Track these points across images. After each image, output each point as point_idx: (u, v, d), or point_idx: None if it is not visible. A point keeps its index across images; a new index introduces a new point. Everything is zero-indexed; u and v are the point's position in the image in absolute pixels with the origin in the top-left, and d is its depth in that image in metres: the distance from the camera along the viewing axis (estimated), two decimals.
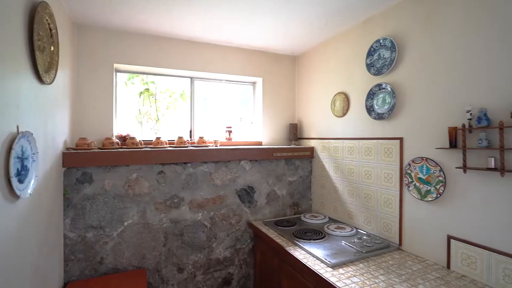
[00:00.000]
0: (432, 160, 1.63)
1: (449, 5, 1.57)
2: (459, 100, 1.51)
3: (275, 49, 2.84)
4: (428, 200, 1.65)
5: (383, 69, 1.93)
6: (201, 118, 2.81)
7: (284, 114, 3.00)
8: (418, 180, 1.71)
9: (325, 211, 2.58)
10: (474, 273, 1.45)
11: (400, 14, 1.86)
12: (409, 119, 1.79)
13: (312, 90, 2.76)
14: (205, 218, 2.35)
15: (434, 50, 1.65)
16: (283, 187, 2.67)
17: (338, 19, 2.14)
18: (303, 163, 2.76)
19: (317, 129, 2.68)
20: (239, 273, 2.49)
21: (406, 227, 1.82)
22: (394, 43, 1.86)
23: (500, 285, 1.34)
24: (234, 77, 2.84)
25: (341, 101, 2.33)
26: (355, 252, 1.77)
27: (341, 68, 2.37)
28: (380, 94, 1.97)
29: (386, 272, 1.54)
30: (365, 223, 2.13)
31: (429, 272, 1.54)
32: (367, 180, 2.11)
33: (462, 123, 1.47)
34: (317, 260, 1.70)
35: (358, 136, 2.19)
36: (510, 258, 1.31)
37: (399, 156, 1.84)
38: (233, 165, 2.46)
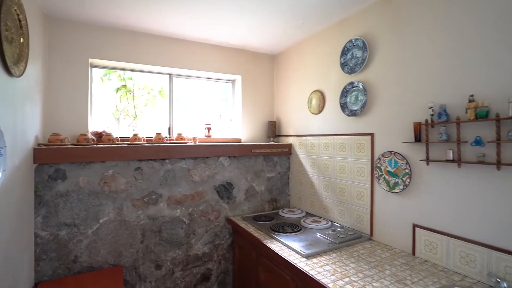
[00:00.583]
0: (400, 153, 1.73)
1: (412, 9, 1.67)
2: (424, 97, 1.62)
3: (254, 48, 2.88)
4: (396, 191, 1.75)
5: (356, 67, 2.02)
6: (180, 116, 2.80)
7: (263, 112, 3.05)
8: (387, 173, 1.81)
9: (303, 206, 2.65)
10: (435, 257, 1.55)
11: (370, 16, 1.95)
12: (379, 116, 1.89)
13: (290, 88, 2.82)
14: (184, 214, 2.35)
15: (400, 51, 1.75)
16: (262, 183, 2.72)
17: (314, 20, 2.21)
18: (281, 159, 2.82)
19: (295, 126, 2.75)
20: (218, 268, 2.51)
21: (377, 218, 1.91)
22: (365, 43, 1.95)
23: (457, 267, 1.45)
24: (213, 75, 2.85)
25: (317, 99, 2.41)
26: (328, 243, 1.84)
27: (317, 67, 2.45)
28: (353, 92, 2.06)
29: (356, 260, 1.62)
30: (340, 216, 2.21)
31: (396, 259, 1.63)
32: (341, 175, 2.19)
33: (425, 118, 1.58)
34: (293, 252, 1.75)
35: (333, 132, 2.27)
36: (465, 242, 1.42)
37: (370, 150, 1.94)
38: (211, 162, 2.48)
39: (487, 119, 1.30)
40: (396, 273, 1.46)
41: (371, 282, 1.38)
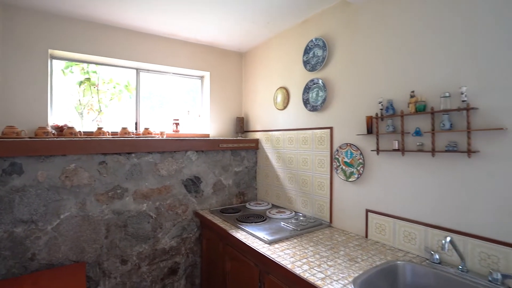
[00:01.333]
0: (354, 145, 1.89)
1: (365, 14, 1.83)
2: (375, 93, 1.78)
3: (223, 45, 2.94)
4: (352, 180, 1.90)
5: (317, 66, 2.16)
6: (148, 111, 2.77)
7: (231, 108, 3.11)
8: (344, 163, 1.96)
9: (269, 198, 2.75)
10: (384, 238, 1.72)
11: (329, 18, 2.09)
12: (337, 110, 2.03)
13: (257, 85, 2.91)
14: (150, 208, 2.34)
15: (355, 51, 1.90)
16: (230, 177, 2.78)
17: (279, 20, 2.32)
18: (249, 154, 2.90)
19: (262, 122, 2.84)
20: (186, 261, 2.53)
21: (335, 206, 2.05)
22: (325, 43, 2.09)
23: (401, 245, 1.62)
24: (181, 70, 2.86)
25: (282, 95, 2.52)
26: (291, 230, 1.94)
27: (282, 65, 2.56)
28: (314, 89, 2.19)
29: (315, 244, 1.74)
30: (303, 206, 2.34)
31: (350, 241, 1.78)
32: (304, 167, 2.32)
33: (376, 112, 1.74)
34: (257, 239, 1.83)
35: (296, 127, 2.39)
36: (408, 222, 1.59)
37: (330, 143, 2.08)
38: (179, 156, 2.49)
39: (424, 112, 1.48)
40: (349, 253, 1.60)
41: (326, 261, 1.50)
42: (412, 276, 1.45)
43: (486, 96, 1.30)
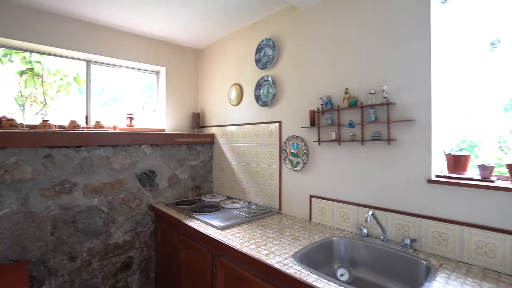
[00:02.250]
0: (300, 137, 2.07)
1: (309, 19, 2.03)
2: (317, 90, 1.98)
3: (179, 41, 2.97)
4: (298, 169, 2.09)
5: (267, 64, 2.31)
6: (100, 106, 2.70)
7: (188, 104, 3.15)
8: (291, 154, 2.14)
9: (224, 191, 2.85)
10: (325, 219, 1.92)
11: (279, 20, 2.26)
12: (285, 105, 2.21)
13: (213, 82, 3.00)
14: (102, 203, 2.30)
15: (301, 51, 2.09)
16: (185, 171, 2.82)
17: (233, 20, 2.44)
18: (205, 148, 2.97)
19: (217, 117, 2.93)
20: (140, 256, 2.52)
21: (284, 194, 2.23)
22: (275, 43, 2.25)
23: (338, 224, 1.84)
24: (136, 65, 2.83)
25: (236, 92, 2.64)
26: (242, 217, 2.07)
27: (236, 62, 2.68)
28: (265, 85, 2.35)
29: (264, 228, 1.89)
30: (255, 196, 2.48)
31: (296, 224, 1.96)
32: (256, 159, 2.46)
33: (317, 107, 1.94)
34: (210, 226, 1.92)
35: (249, 121, 2.53)
36: (343, 203, 1.81)
37: (279, 136, 2.24)
38: (133, 150, 2.48)
39: (356, 107, 1.70)
40: (294, 234, 1.77)
41: (272, 241, 1.65)
42: (345, 249, 1.66)
43: (401, 94, 1.55)
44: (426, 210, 1.48)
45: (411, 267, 1.40)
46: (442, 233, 1.42)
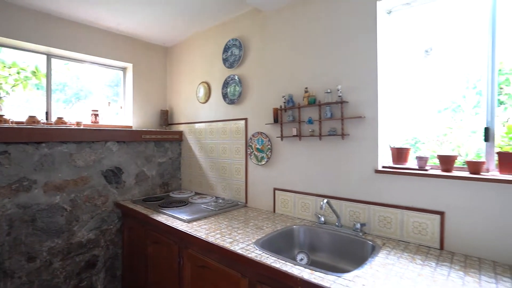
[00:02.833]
0: (264, 133, 2.19)
1: (274, 22, 2.15)
2: (280, 89, 2.10)
3: (147, 38, 2.96)
4: (262, 164, 2.20)
5: (234, 63, 2.40)
6: (62, 102, 2.62)
7: (156, 101, 3.14)
8: (256, 149, 2.25)
9: (193, 187, 2.89)
10: (287, 210, 2.06)
11: (245, 22, 2.36)
12: (251, 103, 2.31)
13: (181, 79, 3.03)
14: (65, 200, 2.24)
15: (265, 52, 2.21)
16: (153, 168, 2.83)
17: (201, 20, 2.50)
18: (173, 145, 2.99)
19: (186, 115, 2.97)
20: (106, 254, 2.48)
21: (250, 188, 2.33)
22: (241, 43, 2.35)
23: (300, 214, 1.98)
24: (101, 60, 2.78)
25: (204, 90, 2.70)
26: (209, 210, 2.14)
27: (204, 61, 2.74)
28: (232, 84, 2.44)
29: (229, 220, 1.97)
30: (223, 191, 2.56)
31: (260, 216, 2.07)
32: (223, 155, 2.54)
33: (280, 105, 2.06)
34: (177, 220, 1.97)
35: (217, 119, 2.60)
36: (304, 195, 1.95)
37: (245, 132, 2.34)
38: (98, 146, 2.44)
39: (314, 104, 1.85)
40: (257, 224, 1.88)
41: (237, 230, 1.74)
42: (304, 236, 1.80)
43: (353, 93, 1.72)
44: (373, 197, 1.65)
45: (360, 248, 1.56)
46: (386, 217, 1.60)
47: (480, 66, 1.48)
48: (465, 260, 1.30)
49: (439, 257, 1.34)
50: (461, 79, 1.59)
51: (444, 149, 1.67)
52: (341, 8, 1.78)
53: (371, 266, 1.25)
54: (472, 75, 1.56)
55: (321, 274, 1.18)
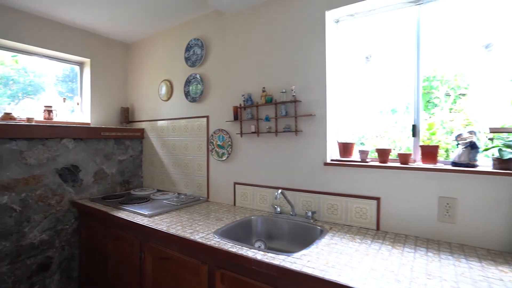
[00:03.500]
0: (225, 130, 2.29)
1: (234, 24, 2.26)
2: (239, 88, 2.22)
3: (106, 33, 2.89)
4: (223, 159, 2.30)
5: (196, 62, 2.47)
6: (6, 96, 2.46)
7: (116, 98, 3.08)
8: (217, 146, 2.34)
9: (155, 184, 2.89)
10: (247, 203, 2.18)
11: (207, 22, 2.44)
12: (212, 101, 2.40)
13: (143, 77, 3.01)
14: (14, 200, 2.13)
15: (226, 53, 2.31)
16: (113, 165, 2.78)
17: (164, 18, 2.52)
18: (134, 143, 2.96)
19: (147, 112, 2.96)
20: (61, 255, 2.39)
21: (211, 183, 2.41)
22: (203, 43, 2.42)
23: (258, 206, 2.11)
24: (54, 54, 2.66)
25: (167, 87, 2.72)
26: (171, 206, 2.18)
27: (167, 59, 2.76)
28: (194, 82, 2.50)
29: (191, 213, 2.04)
30: (185, 187, 2.61)
31: (221, 209, 2.16)
32: (185, 152, 2.59)
33: (240, 103, 2.18)
34: (138, 215, 1.99)
35: (179, 116, 2.64)
36: (262, 187, 2.09)
37: (206, 130, 2.42)
38: (52, 143, 2.35)
39: (271, 103, 1.99)
40: (218, 216, 1.97)
41: (198, 222, 1.82)
42: (261, 225, 1.93)
43: (305, 93, 1.89)
44: (323, 187, 1.84)
45: (311, 233, 1.73)
46: (334, 205, 1.79)
47: (409, 73, 1.73)
48: (394, 237, 1.53)
49: (375, 236, 1.54)
50: (395, 84, 1.84)
51: (383, 144, 1.90)
52: (295, 15, 1.94)
53: (317, 246, 1.41)
54: (403, 81, 1.80)
55: (273, 255, 1.31)
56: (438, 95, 1.81)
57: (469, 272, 1.13)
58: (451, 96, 1.79)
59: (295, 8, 1.94)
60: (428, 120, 1.74)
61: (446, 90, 1.82)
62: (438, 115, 1.77)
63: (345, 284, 1.05)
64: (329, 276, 1.10)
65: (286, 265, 1.21)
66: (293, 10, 1.95)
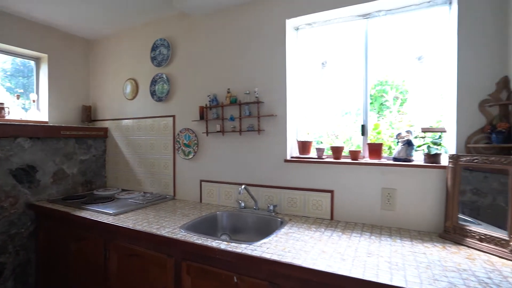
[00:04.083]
0: (191, 129, 2.35)
1: (199, 25, 2.33)
2: (205, 88, 2.29)
3: (65, 28, 2.79)
4: (190, 158, 2.36)
5: (162, 62, 2.49)
6: None
7: (77, 95, 2.98)
8: (184, 145, 2.39)
9: (119, 184, 2.85)
10: (213, 199, 2.26)
11: (173, 23, 2.48)
12: (179, 101, 2.44)
13: (107, 75, 2.95)
14: None
15: (193, 54, 2.37)
16: (74, 165, 2.69)
17: (129, 16, 2.50)
18: (97, 142, 2.89)
19: (111, 111, 2.91)
20: (15, 260, 2.28)
21: (178, 181, 2.46)
22: (169, 43, 2.45)
23: (224, 202, 2.21)
24: (6, 47, 2.52)
25: (132, 86, 2.71)
26: (137, 204, 2.19)
27: (132, 58, 2.74)
28: (160, 82, 2.52)
29: (157, 211, 2.07)
30: (151, 186, 2.62)
31: (187, 206, 2.22)
32: (151, 151, 2.60)
33: (205, 103, 2.26)
34: (103, 214, 1.98)
35: (145, 115, 2.65)
36: (227, 184, 2.19)
37: (173, 129, 2.46)
38: (5, 143, 2.23)
39: (235, 104, 2.10)
40: (184, 212, 2.03)
41: (164, 219, 1.87)
42: (226, 220, 2.03)
43: (267, 95, 2.03)
44: (283, 182, 1.98)
45: (273, 224, 1.87)
46: (293, 198, 1.95)
47: (359, 78, 1.94)
48: (345, 225, 1.71)
49: (328, 225, 1.72)
50: (348, 88, 2.04)
51: (338, 142, 2.10)
52: (258, 21, 2.07)
53: (277, 236, 1.55)
54: (355, 85, 2.01)
55: (235, 244, 1.42)
56: (388, 98, 2.05)
57: (401, 249, 1.34)
58: (399, 99, 2.04)
59: (258, 15, 2.07)
60: (374, 121, 1.96)
61: (395, 94, 2.07)
62: (388, 117, 2.01)
63: (298, 265, 1.19)
64: (285, 259, 1.24)
65: (247, 252, 1.32)
66: (256, 17, 2.07)
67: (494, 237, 1.27)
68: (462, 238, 1.40)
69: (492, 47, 1.44)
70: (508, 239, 1.22)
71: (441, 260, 1.22)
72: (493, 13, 1.44)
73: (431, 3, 1.69)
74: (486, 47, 1.45)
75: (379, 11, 1.83)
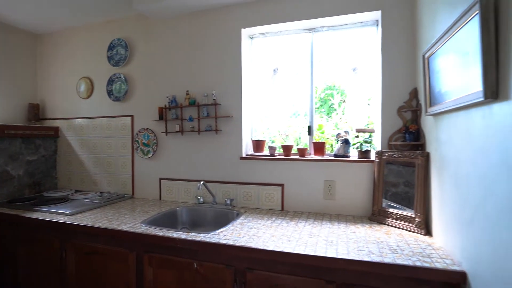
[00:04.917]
0: (150, 129, 2.41)
1: (158, 27, 2.40)
2: (165, 89, 2.37)
3: (7, 20, 2.62)
4: (149, 157, 2.41)
5: (120, 62, 2.50)
6: None
7: (22, 93, 2.81)
8: (142, 144, 2.44)
9: (72, 185, 2.77)
10: (172, 196, 2.35)
11: (131, 24, 2.50)
12: (137, 101, 2.48)
13: (58, 72, 2.83)
14: None
15: (151, 56, 2.43)
16: (20, 166, 2.55)
17: (85, 13, 2.45)
18: (46, 142, 2.77)
19: (63, 110, 2.81)
20: None
21: (137, 180, 2.49)
22: (127, 44, 2.47)
23: (182, 198, 2.32)
24: None
25: (86, 85, 2.66)
26: (94, 204, 2.19)
27: (87, 56, 2.69)
28: (117, 82, 2.53)
29: (116, 209, 2.11)
30: (108, 185, 2.61)
31: (147, 203, 2.28)
32: (109, 151, 2.59)
33: (165, 104, 2.34)
34: (57, 215, 1.95)
35: (101, 115, 2.62)
36: (186, 181, 2.30)
37: (131, 128, 2.49)
38: None
39: (194, 105, 2.22)
40: (144, 209, 2.10)
41: (124, 216, 1.92)
42: (186, 215, 2.14)
43: (224, 97, 2.19)
44: (239, 178, 2.16)
45: (230, 216, 2.03)
46: (248, 192, 2.13)
47: (306, 84, 2.20)
48: (293, 214, 1.95)
49: (279, 215, 1.94)
50: (297, 92, 2.29)
51: (288, 141, 2.34)
52: (215, 28, 2.21)
53: (233, 225, 1.72)
54: (303, 90, 2.26)
55: (195, 234, 1.56)
56: (334, 102, 2.34)
57: (337, 230, 1.60)
58: (344, 103, 2.34)
59: (215, 22, 2.21)
60: (319, 122, 2.24)
61: (340, 98, 2.36)
62: (334, 118, 2.30)
63: (251, 247, 1.38)
64: (240, 243, 1.41)
65: (206, 239, 1.47)
66: (214, 24, 2.22)
67: (405, 216, 1.60)
68: (384, 218, 1.71)
69: (406, 63, 1.78)
70: (414, 216, 1.55)
71: (366, 236, 1.50)
72: (406, 36, 1.78)
73: (363, 24, 2.01)
74: (401, 62, 1.79)
75: (322, 27, 2.10)
